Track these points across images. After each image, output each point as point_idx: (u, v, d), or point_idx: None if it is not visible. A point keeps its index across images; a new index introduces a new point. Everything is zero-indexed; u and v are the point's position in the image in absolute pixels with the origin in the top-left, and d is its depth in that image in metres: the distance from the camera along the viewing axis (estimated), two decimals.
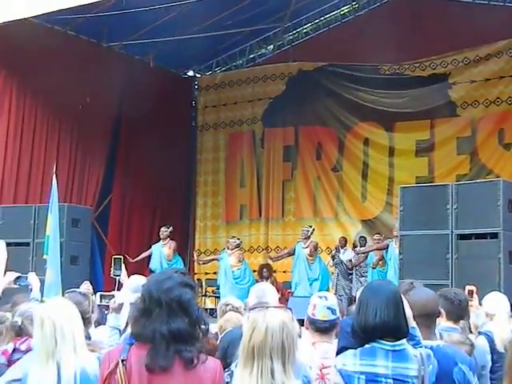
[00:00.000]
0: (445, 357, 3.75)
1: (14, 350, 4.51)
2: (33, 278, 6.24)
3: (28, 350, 4.39)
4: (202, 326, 3.15)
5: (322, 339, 4.42)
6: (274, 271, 16.96)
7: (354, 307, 4.75)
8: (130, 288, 6.00)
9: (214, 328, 6.04)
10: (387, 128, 17.33)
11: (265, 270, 16.44)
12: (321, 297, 4.56)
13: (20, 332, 4.64)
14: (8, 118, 14.89)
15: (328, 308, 4.46)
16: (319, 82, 17.82)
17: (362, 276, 15.11)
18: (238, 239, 15.69)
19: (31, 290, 6.11)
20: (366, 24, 17.03)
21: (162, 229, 15.23)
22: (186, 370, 3.05)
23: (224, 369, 3.32)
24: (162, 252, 15.13)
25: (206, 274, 18.13)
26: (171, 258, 15.12)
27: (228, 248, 15.39)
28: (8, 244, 12.17)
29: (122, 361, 3.02)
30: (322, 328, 4.45)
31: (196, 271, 18.89)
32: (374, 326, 3.57)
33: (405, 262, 10.78)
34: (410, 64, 16.95)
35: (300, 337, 4.30)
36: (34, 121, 15.42)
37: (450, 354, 3.88)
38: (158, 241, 15.33)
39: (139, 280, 5.98)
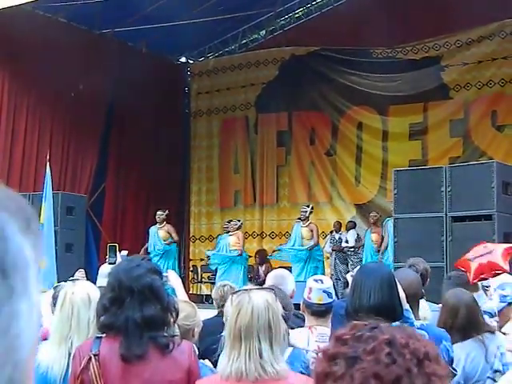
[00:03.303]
0: (432, 335, 3.78)
1: None
2: None
3: None
4: (173, 312, 3.17)
5: (318, 323, 4.43)
6: (271, 255, 17.01)
7: (347, 290, 4.77)
8: (100, 275, 6.01)
9: (210, 313, 6.07)
10: (380, 112, 17.31)
11: (257, 256, 16.47)
12: (316, 280, 4.57)
13: None
14: (0, 107, 14.84)
15: (324, 291, 4.47)
16: (312, 66, 17.76)
17: (360, 260, 15.14)
18: (239, 221, 15.70)
19: None
20: (359, 8, 16.91)
21: (158, 212, 15.20)
22: (162, 356, 3.06)
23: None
24: (157, 234, 15.12)
25: (201, 260, 18.16)
26: (168, 241, 15.10)
27: (229, 231, 15.42)
28: None
29: (95, 355, 3.01)
30: (318, 311, 4.46)
31: (191, 257, 18.91)
32: (369, 308, 3.58)
33: (399, 244, 10.79)
34: (403, 47, 16.91)
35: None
36: (26, 109, 15.38)
37: (436, 332, 3.92)
38: (154, 224, 15.31)
39: (107, 267, 5.99)
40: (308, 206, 15.15)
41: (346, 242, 15.57)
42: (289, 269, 14.83)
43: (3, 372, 0.54)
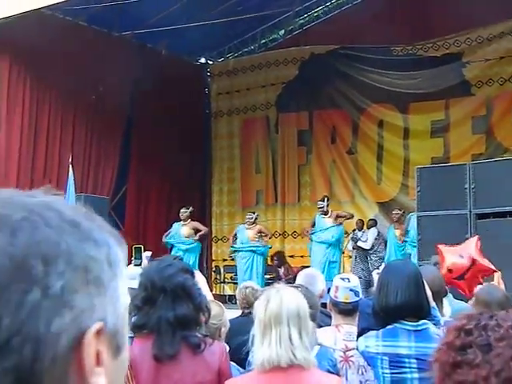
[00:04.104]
0: None
1: None
2: None
3: None
4: (205, 311, 3.15)
5: (345, 321, 4.41)
6: (291, 256, 17.00)
7: (373, 288, 4.74)
8: (127, 276, 6.01)
9: (233, 314, 6.06)
10: (401, 109, 17.24)
11: (275, 258, 16.43)
12: (343, 278, 4.55)
13: None
14: (22, 110, 14.92)
15: (350, 290, 4.44)
16: (332, 65, 17.70)
17: (380, 259, 15.08)
18: (254, 213, 15.71)
19: None
20: (378, 5, 16.86)
21: (182, 210, 15.17)
22: (194, 356, 3.05)
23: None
24: (178, 231, 15.11)
25: (224, 260, 18.16)
26: (192, 238, 15.09)
27: (246, 224, 15.48)
28: None
29: None
30: (345, 310, 4.43)
31: (214, 258, 18.92)
32: (395, 306, 3.56)
33: (423, 242, 10.71)
34: (423, 44, 16.82)
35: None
36: (48, 112, 15.45)
37: None
38: (179, 221, 15.31)
39: (131, 268, 6.00)
40: (323, 201, 15.19)
41: (364, 241, 15.51)
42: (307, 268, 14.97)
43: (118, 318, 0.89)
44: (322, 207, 14.99)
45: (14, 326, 0.80)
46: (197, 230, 15.24)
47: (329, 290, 4.94)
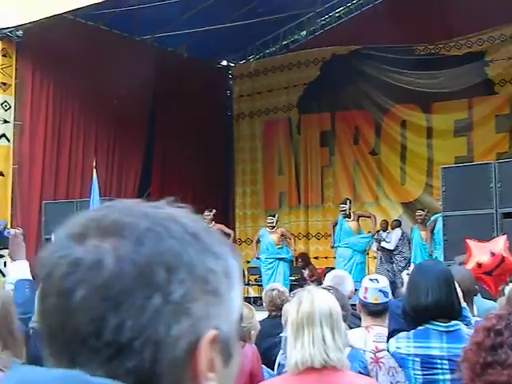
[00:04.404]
0: None
1: None
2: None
3: None
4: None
5: (375, 322, 4.38)
6: (316, 258, 16.96)
7: (402, 289, 4.71)
8: None
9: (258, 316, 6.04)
10: (424, 109, 17.16)
11: (300, 259, 16.41)
12: (372, 279, 4.52)
13: None
14: (46, 115, 14.99)
15: (380, 291, 4.41)
16: (354, 65, 17.64)
17: (405, 259, 15.02)
18: (274, 216, 15.66)
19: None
20: (399, 5, 16.82)
21: (205, 213, 15.17)
22: None
23: None
24: None
25: (248, 262, 18.12)
26: None
27: (268, 228, 15.48)
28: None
29: None
30: (375, 311, 4.40)
31: None
32: (426, 307, 3.53)
33: (449, 242, 10.65)
34: (446, 43, 16.74)
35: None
36: (71, 117, 15.52)
37: None
38: None
39: None
40: (345, 203, 15.20)
41: (388, 242, 15.44)
42: (331, 270, 14.93)
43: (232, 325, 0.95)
44: (345, 210, 15.03)
45: (135, 329, 0.85)
46: (222, 233, 15.21)
47: (356, 290, 4.92)
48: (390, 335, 3.76)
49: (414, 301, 3.54)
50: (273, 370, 4.18)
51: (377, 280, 4.50)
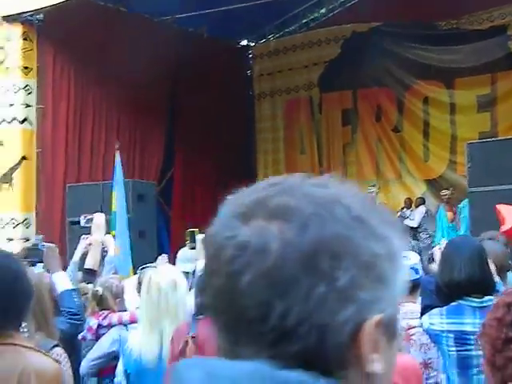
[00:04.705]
0: None
1: (98, 326, 4.56)
2: (108, 240, 6.26)
3: (110, 325, 4.41)
4: None
5: (407, 299, 4.34)
6: None
7: (433, 265, 4.67)
8: (179, 259, 6.03)
9: None
10: (447, 85, 17.02)
11: None
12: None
13: (101, 302, 4.69)
14: (68, 98, 15.01)
15: (411, 268, 4.37)
16: (374, 42, 17.45)
17: (430, 236, 14.94)
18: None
19: (106, 251, 6.15)
20: None
21: (229, 197, 15.18)
22: None
23: None
24: None
25: None
26: None
27: None
28: (76, 222, 12.42)
29: (192, 337, 2.97)
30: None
31: None
32: (459, 282, 3.50)
33: (475, 219, 10.56)
34: (468, 18, 16.54)
35: None
36: (92, 99, 15.53)
37: None
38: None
39: (186, 251, 6.01)
40: (374, 186, 15.07)
41: (412, 219, 15.37)
42: None
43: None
44: (371, 192, 14.90)
45: (301, 315, 0.86)
46: None
47: None
48: (423, 311, 3.73)
49: (447, 276, 3.51)
50: None
51: (407, 257, 4.46)
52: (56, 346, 3.39)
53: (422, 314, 3.72)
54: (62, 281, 4.36)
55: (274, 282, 0.86)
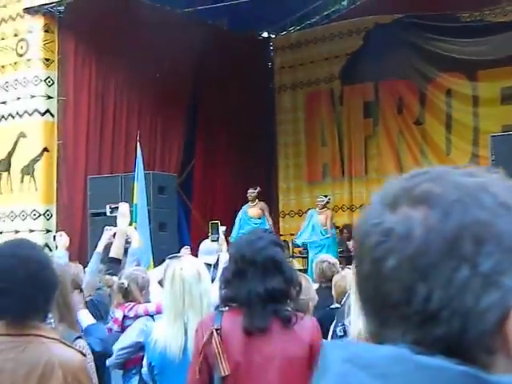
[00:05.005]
0: None
1: (124, 318, 4.54)
2: (131, 231, 6.25)
3: (136, 316, 4.38)
4: (296, 285, 3.07)
5: None
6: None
7: None
8: (201, 251, 6.01)
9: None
10: (470, 77, 16.85)
11: (345, 230, 16.29)
12: None
13: (126, 294, 4.67)
14: (89, 90, 15.01)
15: None
16: (397, 34, 17.31)
17: None
18: (326, 196, 15.56)
19: (130, 242, 6.14)
20: None
21: (250, 190, 15.18)
22: (284, 330, 2.97)
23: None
24: (246, 213, 15.12)
25: (292, 235, 18.07)
26: (258, 218, 15.05)
27: (317, 207, 15.36)
28: (97, 214, 12.45)
29: (217, 329, 2.95)
30: None
31: (282, 232, 18.85)
32: None
33: None
34: (492, 10, 16.36)
35: None
36: (113, 91, 15.53)
37: None
38: (246, 202, 15.33)
39: (208, 243, 5.99)
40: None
41: None
42: None
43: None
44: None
45: (443, 299, 0.88)
46: (263, 211, 15.21)
47: None
48: None
49: None
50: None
51: None
52: (79, 337, 3.36)
53: None
54: (85, 318, 4.25)
55: (417, 267, 0.88)
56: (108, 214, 6.35)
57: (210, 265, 5.62)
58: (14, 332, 2.50)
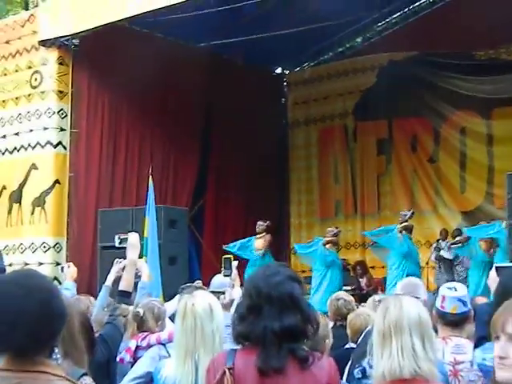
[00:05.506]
0: None
1: (137, 348, 4.42)
2: (141, 265, 6.14)
3: (149, 346, 4.26)
4: (314, 323, 2.92)
5: (454, 333, 4.11)
6: (372, 267, 16.63)
7: (479, 298, 4.45)
8: (213, 285, 5.88)
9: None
10: (484, 115, 16.77)
11: (358, 267, 16.14)
12: (450, 288, 4.24)
13: (141, 323, 4.56)
14: (102, 123, 15.01)
15: (459, 300, 4.14)
16: (411, 71, 17.25)
17: (467, 269, 14.59)
18: (336, 228, 15.35)
19: (140, 276, 6.04)
20: (457, 9, 16.42)
21: (259, 222, 15.05)
22: (301, 370, 2.81)
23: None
24: (253, 243, 14.96)
25: (303, 271, 17.88)
26: (262, 252, 14.82)
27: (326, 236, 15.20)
28: (107, 248, 12.33)
29: (229, 369, 2.80)
30: (453, 321, 4.13)
31: (293, 269, 18.68)
32: None
33: None
34: (507, 48, 16.31)
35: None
36: (126, 125, 15.51)
37: None
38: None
39: (220, 278, 5.86)
40: (409, 210, 14.87)
41: (447, 251, 15.07)
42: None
43: None
44: (405, 215, 14.64)
45: None
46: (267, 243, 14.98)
47: None
48: (477, 343, 3.50)
49: None
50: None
51: (455, 288, 4.22)
52: (85, 374, 3.21)
53: (476, 346, 3.50)
54: None
55: None
56: (117, 244, 6.22)
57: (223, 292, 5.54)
58: (17, 367, 2.36)
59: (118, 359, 4.56)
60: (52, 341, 2.43)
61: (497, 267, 4.50)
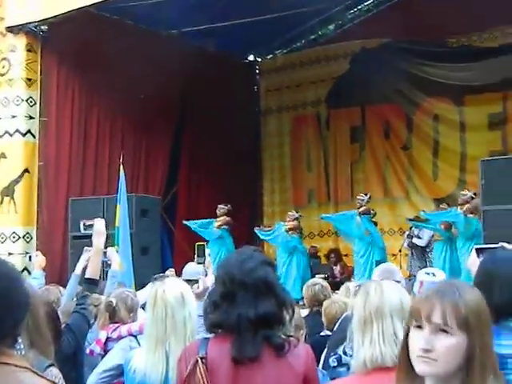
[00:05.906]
0: None
1: (107, 339, 4.31)
2: (111, 253, 6.04)
3: (119, 338, 4.15)
4: (289, 308, 2.82)
5: None
6: (346, 255, 16.60)
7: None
8: (186, 274, 5.78)
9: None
10: (457, 102, 16.76)
11: (332, 255, 16.14)
12: (428, 273, 4.17)
13: (114, 314, 4.45)
14: (71, 111, 14.81)
15: None
16: (384, 59, 17.17)
17: None
18: (297, 212, 15.42)
19: (110, 264, 5.93)
20: None
21: (220, 206, 15.18)
22: (277, 358, 2.70)
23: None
24: (212, 227, 15.02)
25: (275, 260, 17.83)
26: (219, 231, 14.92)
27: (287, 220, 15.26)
28: (78, 237, 12.15)
29: (202, 358, 2.68)
30: None
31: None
32: (498, 306, 3.17)
33: (488, 238, 10.25)
34: (479, 35, 16.31)
35: None
36: (97, 112, 15.34)
37: None
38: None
39: (193, 266, 5.77)
40: (366, 195, 14.94)
41: (418, 237, 15.06)
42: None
43: None
44: (362, 200, 14.80)
45: None
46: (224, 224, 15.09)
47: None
48: None
49: (487, 297, 3.18)
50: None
51: (433, 274, 4.14)
52: (51, 365, 3.08)
53: None
54: None
55: None
56: (82, 231, 6.11)
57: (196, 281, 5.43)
58: None
59: (87, 351, 4.46)
60: (13, 330, 2.29)
61: (477, 249, 4.40)
